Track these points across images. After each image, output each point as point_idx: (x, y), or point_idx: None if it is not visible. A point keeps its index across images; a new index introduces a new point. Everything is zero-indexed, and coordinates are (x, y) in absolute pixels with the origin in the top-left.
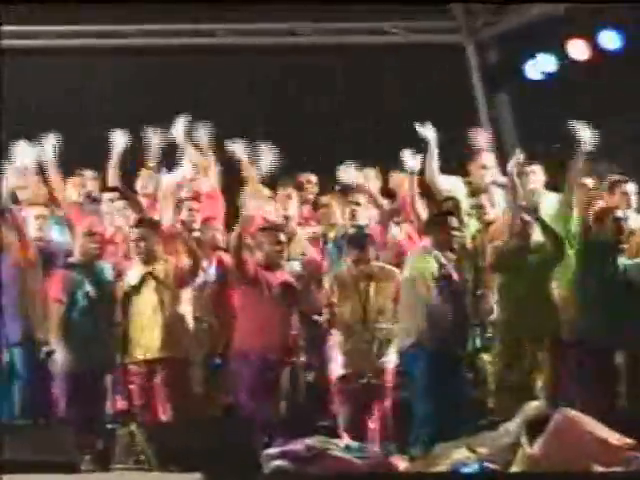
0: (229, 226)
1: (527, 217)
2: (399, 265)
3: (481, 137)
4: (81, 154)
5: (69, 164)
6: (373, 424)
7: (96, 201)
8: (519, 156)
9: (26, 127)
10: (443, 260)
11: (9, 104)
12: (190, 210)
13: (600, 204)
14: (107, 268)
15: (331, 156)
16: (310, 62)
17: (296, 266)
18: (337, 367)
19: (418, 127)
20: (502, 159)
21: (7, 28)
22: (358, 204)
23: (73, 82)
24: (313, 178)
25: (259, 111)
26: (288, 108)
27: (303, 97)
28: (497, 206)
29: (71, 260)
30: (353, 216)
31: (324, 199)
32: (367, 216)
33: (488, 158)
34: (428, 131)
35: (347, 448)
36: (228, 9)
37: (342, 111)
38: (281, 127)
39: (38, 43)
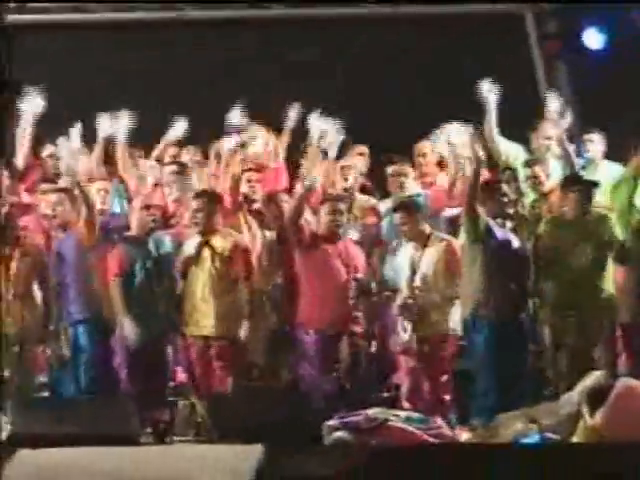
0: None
1: (582, 188)
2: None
3: (548, 105)
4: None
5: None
6: (435, 394)
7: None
8: (567, 121)
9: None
10: (495, 227)
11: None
12: (249, 182)
13: None
14: (166, 240)
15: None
16: (377, 33)
17: (354, 233)
18: (398, 336)
19: (480, 86)
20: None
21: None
22: (406, 175)
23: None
24: (366, 149)
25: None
26: (355, 79)
27: (369, 69)
28: (552, 177)
29: (128, 234)
30: (401, 187)
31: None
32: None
33: (550, 128)
34: (488, 91)
35: (408, 419)
36: None
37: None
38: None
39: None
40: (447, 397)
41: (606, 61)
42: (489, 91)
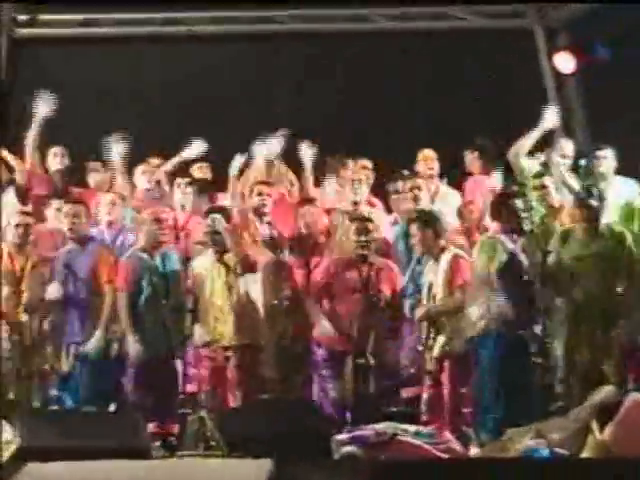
0: None
1: (594, 203)
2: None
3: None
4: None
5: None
6: (443, 409)
7: (164, 189)
8: (562, 147)
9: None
10: (510, 245)
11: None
12: (260, 195)
13: None
14: (174, 256)
15: (399, 141)
16: (379, 47)
17: None
18: (403, 353)
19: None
20: (572, 143)
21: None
22: (420, 189)
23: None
24: (369, 163)
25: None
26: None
27: (373, 82)
28: (561, 191)
29: (135, 248)
30: (416, 200)
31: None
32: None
33: (563, 143)
34: (550, 116)
35: (417, 434)
36: None
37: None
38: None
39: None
40: (456, 412)
41: (616, 75)
42: (550, 116)
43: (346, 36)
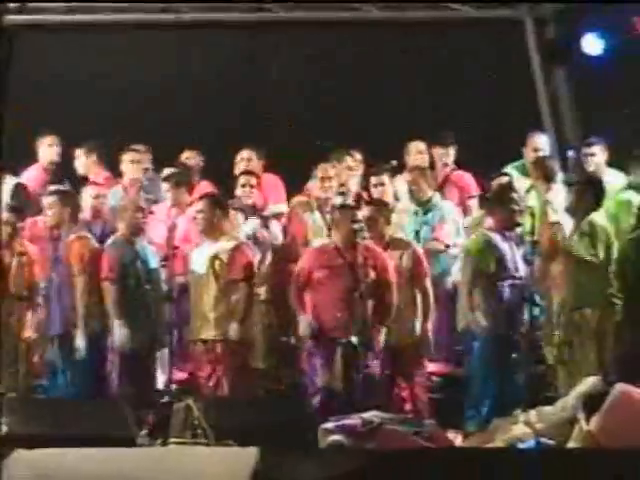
0: None
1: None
2: None
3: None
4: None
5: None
6: (429, 399)
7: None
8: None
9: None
10: (500, 244)
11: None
12: (243, 186)
13: None
14: (150, 250)
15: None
16: (372, 37)
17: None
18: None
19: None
20: (560, 135)
21: None
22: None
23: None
24: (358, 155)
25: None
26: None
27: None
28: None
29: (116, 236)
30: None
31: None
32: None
33: (540, 139)
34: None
35: (403, 422)
36: None
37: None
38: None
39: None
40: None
41: (605, 66)
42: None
43: (337, 25)
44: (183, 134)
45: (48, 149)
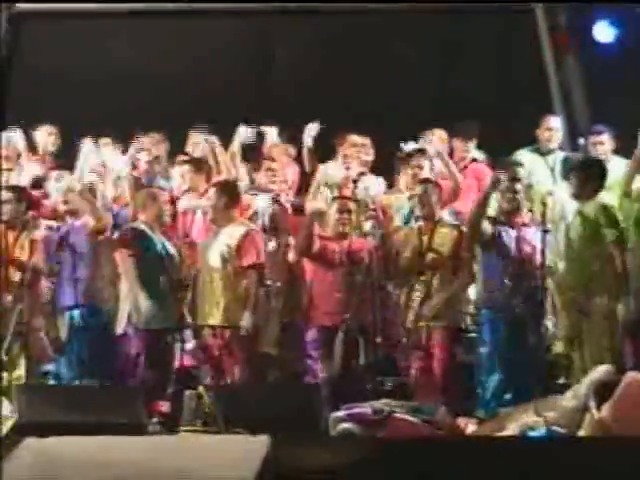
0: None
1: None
2: None
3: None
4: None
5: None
6: (440, 386)
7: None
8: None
9: None
10: (503, 232)
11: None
12: (268, 170)
13: None
14: (165, 243)
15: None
16: (386, 22)
17: (369, 226)
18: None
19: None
20: (571, 121)
21: None
22: (421, 167)
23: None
24: (367, 141)
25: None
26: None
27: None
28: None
29: (137, 223)
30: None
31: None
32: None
33: (554, 121)
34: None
35: (414, 410)
36: None
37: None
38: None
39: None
40: (454, 389)
41: (616, 54)
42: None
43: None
44: (189, 122)
45: (48, 137)
